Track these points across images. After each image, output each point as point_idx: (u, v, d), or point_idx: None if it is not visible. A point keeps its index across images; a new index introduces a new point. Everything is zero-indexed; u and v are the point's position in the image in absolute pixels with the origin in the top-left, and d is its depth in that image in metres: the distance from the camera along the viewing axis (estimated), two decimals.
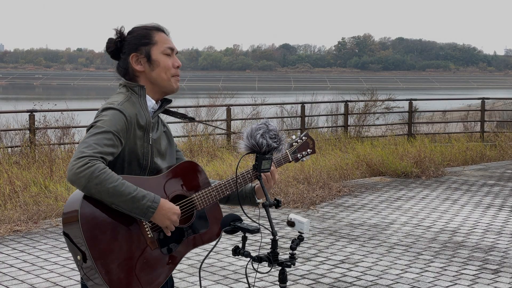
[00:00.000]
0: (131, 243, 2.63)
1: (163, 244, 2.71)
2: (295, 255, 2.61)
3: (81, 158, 2.52)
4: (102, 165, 2.52)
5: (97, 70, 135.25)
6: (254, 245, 6.84)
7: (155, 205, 2.59)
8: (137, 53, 2.78)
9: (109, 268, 2.56)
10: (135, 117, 2.71)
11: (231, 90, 18.55)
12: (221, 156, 12.17)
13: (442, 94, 63.40)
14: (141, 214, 2.58)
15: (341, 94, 22.45)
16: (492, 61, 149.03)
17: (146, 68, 2.79)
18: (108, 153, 2.59)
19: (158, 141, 2.83)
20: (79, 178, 2.50)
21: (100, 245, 2.55)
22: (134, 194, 2.55)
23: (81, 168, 2.49)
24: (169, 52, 2.81)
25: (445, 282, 5.86)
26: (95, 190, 2.51)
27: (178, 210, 2.68)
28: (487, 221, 8.27)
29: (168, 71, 2.80)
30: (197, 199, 2.82)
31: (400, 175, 11.70)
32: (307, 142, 3.18)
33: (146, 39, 2.79)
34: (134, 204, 2.55)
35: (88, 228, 2.54)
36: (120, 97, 2.76)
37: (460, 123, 18.84)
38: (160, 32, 2.84)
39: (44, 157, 10.58)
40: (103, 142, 2.58)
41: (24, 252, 6.78)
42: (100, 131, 2.60)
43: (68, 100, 19.76)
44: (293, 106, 16.81)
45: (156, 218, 2.62)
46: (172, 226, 2.68)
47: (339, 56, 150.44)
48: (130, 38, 2.81)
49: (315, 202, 9.27)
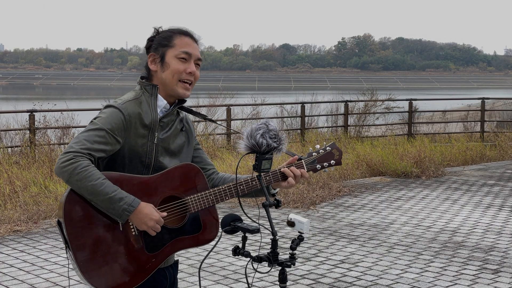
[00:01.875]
0: (113, 238, 2.66)
1: (147, 243, 2.72)
2: (295, 255, 2.61)
3: (68, 153, 2.60)
4: (85, 162, 2.58)
5: (97, 70, 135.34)
6: (254, 245, 6.84)
7: (131, 209, 2.62)
8: (154, 53, 2.85)
9: (87, 260, 2.61)
10: (138, 116, 2.75)
11: (231, 90, 18.56)
12: (221, 156, 12.17)
13: (442, 94, 63.39)
14: (117, 215, 2.62)
15: (341, 94, 22.43)
16: (492, 61, 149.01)
17: (158, 69, 2.84)
18: (98, 149, 2.64)
19: (168, 140, 2.85)
20: (62, 173, 2.59)
21: (80, 237, 2.61)
22: (112, 195, 2.59)
23: (65, 163, 2.58)
24: (184, 57, 2.83)
25: (445, 282, 5.86)
26: (76, 185, 2.59)
27: (156, 216, 2.67)
28: (487, 221, 8.27)
29: (176, 74, 2.82)
30: (190, 202, 2.80)
31: (400, 175, 11.70)
32: (331, 153, 3.10)
33: (166, 41, 2.85)
34: (110, 205, 2.60)
35: (71, 218, 2.61)
36: (129, 95, 2.83)
37: (460, 123, 18.84)
38: (183, 37, 2.87)
39: (44, 157, 10.58)
40: (93, 139, 2.64)
41: (24, 252, 6.78)
42: (93, 127, 2.67)
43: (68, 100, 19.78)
44: (293, 106, 16.81)
45: (134, 221, 2.66)
46: (151, 231, 2.68)
47: (339, 56, 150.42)
48: (157, 38, 2.89)
49: (315, 202, 9.27)
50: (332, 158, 3.09)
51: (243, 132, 2.72)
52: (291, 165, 2.95)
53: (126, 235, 2.68)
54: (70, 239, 2.59)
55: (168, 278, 2.91)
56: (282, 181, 2.93)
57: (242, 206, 2.72)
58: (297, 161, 3.00)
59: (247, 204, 8.97)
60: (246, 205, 8.91)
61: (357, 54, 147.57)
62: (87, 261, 2.61)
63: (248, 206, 8.88)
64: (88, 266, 2.61)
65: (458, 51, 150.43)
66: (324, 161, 3.06)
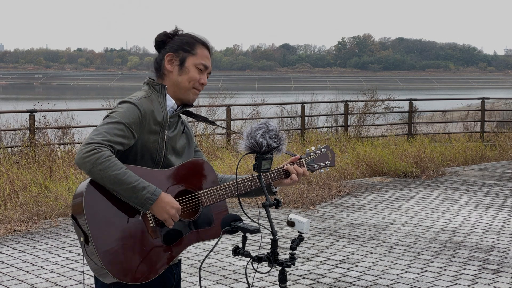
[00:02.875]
0: (132, 229, 2.70)
1: (164, 235, 2.77)
2: (295, 255, 2.61)
3: (90, 144, 2.63)
4: (108, 153, 2.63)
5: (97, 70, 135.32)
6: (254, 245, 6.84)
7: (154, 198, 2.67)
8: (173, 54, 2.90)
9: (108, 250, 2.64)
10: (152, 113, 2.81)
11: (231, 90, 18.55)
12: (221, 156, 12.17)
13: (442, 94, 63.39)
14: (139, 204, 2.66)
15: (341, 94, 22.46)
16: (492, 61, 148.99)
17: (175, 71, 2.90)
18: (117, 142, 2.69)
19: (174, 139, 2.92)
20: (85, 163, 2.61)
21: (101, 229, 2.64)
22: (135, 184, 2.63)
23: (88, 153, 2.61)
24: (202, 68, 2.94)
25: (445, 282, 5.86)
26: (98, 175, 2.61)
27: (177, 205, 2.74)
28: (487, 221, 8.27)
29: (192, 81, 2.92)
30: (203, 196, 2.88)
31: (400, 175, 11.70)
32: (326, 154, 3.25)
33: (189, 47, 2.92)
34: (133, 194, 2.64)
35: (91, 211, 2.64)
36: (140, 93, 2.88)
37: (460, 123, 18.85)
38: (204, 48, 2.95)
39: (44, 157, 10.58)
40: (113, 131, 2.69)
41: (24, 252, 6.78)
42: (112, 121, 2.72)
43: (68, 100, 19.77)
44: (293, 106, 16.81)
45: (154, 210, 2.70)
46: (170, 221, 2.73)
47: (339, 56, 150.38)
48: (177, 39, 2.94)
49: (315, 202, 9.27)
50: (327, 159, 3.26)
51: (243, 132, 2.74)
52: (293, 163, 3.12)
53: (144, 226, 2.73)
54: (91, 230, 2.61)
55: (175, 276, 2.97)
56: (284, 178, 3.08)
57: (242, 206, 2.73)
58: (298, 160, 3.15)
59: (247, 204, 8.97)
60: (246, 205, 8.91)
61: (357, 54, 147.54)
62: (109, 252, 2.64)
63: (248, 206, 8.88)
64: (109, 256, 2.64)
65: (458, 51, 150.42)
66: (320, 162, 3.23)
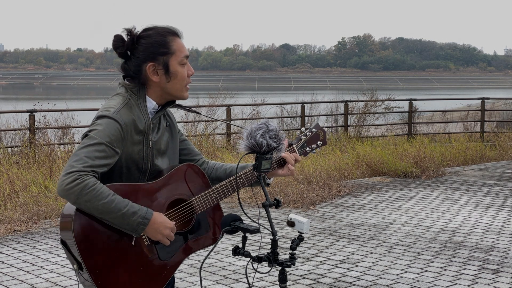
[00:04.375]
0: (127, 252, 2.61)
1: (161, 251, 2.70)
2: (295, 255, 2.60)
3: (71, 173, 2.48)
4: (92, 181, 2.48)
5: (97, 70, 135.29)
6: (254, 245, 6.84)
7: (146, 222, 2.57)
8: (154, 63, 2.71)
9: (105, 277, 2.55)
10: (133, 123, 2.66)
11: (231, 90, 18.55)
12: (221, 156, 12.17)
13: (442, 94, 63.34)
14: (132, 231, 2.57)
15: (341, 94, 22.45)
16: (492, 61, 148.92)
17: (162, 80, 2.73)
18: (100, 165, 2.54)
19: (159, 141, 2.80)
20: (68, 195, 2.48)
21: (95, 256, 2.54)
22: (124, 211, 2.52)
23: (70, 185, 2.47)
24: (185, 62, 2.77)
25: (445, 282, 5.86)
26: (84, 206, 2.49)
27: (171, 224, 2.66)
28: (487, 221, 8.26)
29: (183, 81, 2.77)
30: (196, 203, 2.80)
31: (400, 175, 11.70)
32: (317, 134, 3.13)
33: (165, 48, 2.71)
34: (124, 221, 2.53)
35: (82, 238, 2.52)
36: (117, 101, 2.69)
37: (460, 123, 18.84)
38: (176, 38, 2.76)
39: (44, 157, 10.58)
40: (94, 154, 2.53)
41: (24, 252, 6.77)
42: (92, 142, 2.55)
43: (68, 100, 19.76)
44: (293, 106, 16.81)
45: (148, 233, 2.61)
46: (166, 240, 2.66)
47: (339, 56, 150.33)
48: (146, 44, 2.71)
49: (315, 202, 9.27)
50: (318, 139, 3.13)
51: (243, 132, 2.72)
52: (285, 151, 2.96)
53: (139, 246, 2.64)
54: (84, 259, 2.51)
55: (170, 283, 2.92)
56: (278, 168, 2.96)
57: (242, 206, 2.72)
58: (288, 147, 3.03)
59: (247, 204, 8.97)
60: (246, 205, 8.91)
61: (357, 54, 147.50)
62: (106, 279, 2.55)
63: (248, 206, 8.88)
64: (107, 284, 2.55)
65: (458, 51, 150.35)
66: (312, 143, 3.11)
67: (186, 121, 14.04)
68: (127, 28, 2.73)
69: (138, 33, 2.74)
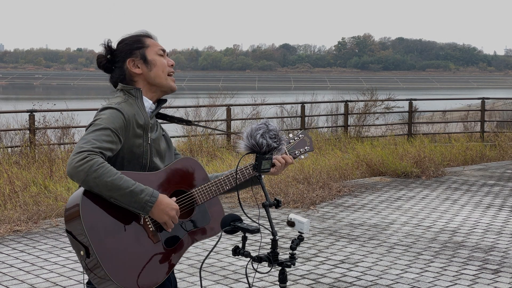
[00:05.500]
0: (133, 236, 2.66)
1: (165, 237, 2.75)
2: (295, 255, 2.61)
3: (80, 152, 2.56)
4: (101, 160, 2.57)
5: (97, 70, 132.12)
6: (254, 245, 6.84)
7: (153, 200, 2.62)
8: (132, 58, 2.88)
9: (112, 261, 2.59)
10: (134, 116, 2.77)
11: (231, 90, 18.54)
12: (221, 156, 12.17)
13: (442, 94, 63.34)
14: (140, 208, 2.62)
15: (341, 94, 22.43)
16: (492, 61, 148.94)
17: (144, 70, 2.88)
18: (107, 148, 2.63)
19: (157, 142, 2.89)
20: (78, 172, 2.54)
21: (102, 239, 2.58)
22: (133, 188, 2.58)
23: (80, 162, 2.54)
24: (162, 53, 2.93)
25: (445, 282, 5.86)
26: (93, 183, 2.55)
27: (176, 206, 2.72)
28: (487, 221, 8.27)
29: (165, 69, 2.90)
30: (197, 194, 2.87)
31: (400, 175, 11.70)
32: (304, 140, 3.25)
33: (139, 43, 2.91)
34: (132, 198, 2.59)
35: (90, 223, 2.57)
36: (118, 99, 2.83)
37: (460, 123, 18.85)
38: (148, 38, 2.95)
39: (44, 157, 10.58)
40: (101, 138, 2.63)
41: (24, 252, 6.78)
42: (98, 127, 2.66)
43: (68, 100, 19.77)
44: (293, 106, 16.82)
45: (154, 213, 2.66)
46: (171, 222, 2.71)
47: (339, 56, 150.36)
48: (122, 46, 2.92)
49: (315, 202, 9.27)
50: (305, 145, 3.27)
51: (243, 132, 2.73)
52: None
53: (145, 232, 2.70)
54: (93, 243, 2.55)
55: (172, 282, 2.94)
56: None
57: (242, 206, 2.73)
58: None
59: (247, 204, 8.97)
60: (246, 205, 8.91)
61: (357, 54, 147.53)
62: (114, 263, 2.58)
63: (248, 206, 8.88)
64: (115, 267, 2.58)
65: (458, 51, 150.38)
66: (300, 148, 3.25)
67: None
68: (102, 43, 2.93)
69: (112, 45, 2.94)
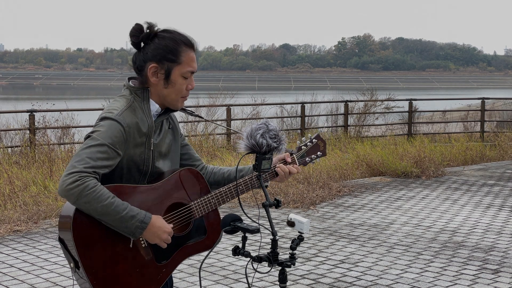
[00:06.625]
0: (123, 252, 2.62)
1: (157, 254, 2.70)
2: (295, 255, 2.60)
3: (72, 174, 2.50)
4: (92, 183, 2.50)
5: (97, 70, 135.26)
6: (254, 245, 6.84)
7: (144, 226, 2.59)
8: (158, 65, 2.71)
9: (100, 278, 2.56)
10: (136, 125, 2.68)
11: (231, 90, 18.55)
12: (221, 156, 12.17)
13: (442, 94, 63.31)
14: (129, 234, 2.59)
15: (341, 94, 22.45)
16: (492, 61, 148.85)
17: (160, 84, 2.74)
18: (102, 166, 2.56)
19: (160, 144, 2.82)
20: (68, 195, 2.50)
21: (92, 255, 2.55)
22: (123, 214, 2.54)
23: (71, 186, 2.49)
24: (188, 76, 2.76)
25: (445, 282, 5.86)
26: (84, 207, 2.51)
27: (168, 228, 2.67)
28: (487, 221, 8.26)
29: (179, 93, 2.77)
30: (195, 207, 2.81)
31: (400, 175, 11.70)
32: (317, 144, 3.17)
33: (173, 56, 2.71)
34: (122, 224, 2.55)
35: (80, 238, 2.54)
36: (121, 103, 2.71)
37: (460, 123, 18.85)
38: (189, 50, 2.75)
39: (44, 157, 10.58)
40: (96, 155, 2.55)
41: (24, 252, 6.78)
42: (95, 143, 2.57)
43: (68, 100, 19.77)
44: (293, 106, 16.82)
45: (146, 236, 2.63)
46: (163, 244, 2.67)
47: (339, 56, 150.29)
48: (158, 44, 2.72)
49: (315, 202, 9.27)
50: (318, 149, 3.19)
51: (243, 132, 2.72)
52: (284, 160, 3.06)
53: (136, 248, 2.65)
54: (81, 258, 2.53)
55: (169, 283, 2.91)
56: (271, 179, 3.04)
57: (242, 206, 2.72)
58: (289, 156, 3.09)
59: (247, 204, 8.97)
60: (246, 205, 8.91)
61: (357, 54, 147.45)
62: (101, 279, 2.56)
63: (248, 206, 8.88)
64: (102, 283, 2.56)
65: (458, 51, 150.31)
66: (312, 153, 3.17)
67: (186, 121, 14.04)
68: (149, 22, 2.73)
69: (157, 31, 2.75)
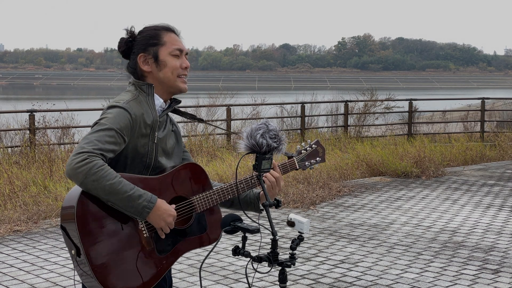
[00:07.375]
0: (125, 241, 2.63)
1: (158, 244, 2.71)
2: (295, 255, 2.60)
3: (81, 153, 2.53)
4: (100, 162, 2.53)
5: (97, 70, 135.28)
6: (254, 245, 6.84)
7: (151, 205, 2.60)
8: (145, 54, 2.81)
9: (101, 264, 2.57)
10: (142, 116, 2.73)
11: (231, 90, 18.55)
12: (221, 156, 12.16)
13: (442, 94, 63.34)
14: (136, 213, 2.60)
15: (341, 94, 22.45)
16: (492, 61, 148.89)
17: (153, 69, 2.81)
18: (109, 150, 2.60)
19: (164, 140, 2.84)
20: (77, 174, 2.52)
21: (94, 242, 2.57)
22: (131, 193, 2.56)
23: (79, 164, 2.51)
24: (177, 53, 2.83)
25: (445, 282, 5.86)
26: (92, 186, 2.52)
27: (174, 212, 2.68)
28: (487, 221, 8.27)
29: (174, 71, 2.82)
30: (197, 202, 2.82)
31: (400, 175, 11.70)
32: (316, 150, 3.19)
33: (155, 40, 2.82)
34: (129, 203, 2.56)
35: (83, 225, 2.56)
36: (127, 96, 2.78)
37: (460, 123, 18.85)
38: (169, 33, 2.86)
39: (44, 157, 10.58)
40: (104, 139, 2.59)
41: (24, 252, 6.78)
42: (102, 128, 2.62)
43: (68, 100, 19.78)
44: (293, 106, 16.82)
45: (151, 219, 2.63)
46: (167, 228, 2.68)
47: (339, 56, 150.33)
48: (140, 38, 2.84)
49: (315, 202, 9.27)
50: (317, 155, 3.20)
51: (243, 132, 2.73)
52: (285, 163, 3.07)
53: (138, 237, 2.66)
54: (83, 243, 2.54)
55: (167, 281, 2.92)
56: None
57: (242, 206, 2.72)
58: (288, 159, 3.10)
59: None
60: (249, 211, 8.90)
61: (357, 54, 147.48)
62: (102, 266, 2.57)
63: (251, 212, 8.87)
64: (102, 270, 2.57)
65: (458, 51, 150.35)
66: (311, 159, 3.18)
67: (186, 121, 14.04)
68: (126, 28, 2.86)
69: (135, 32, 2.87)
